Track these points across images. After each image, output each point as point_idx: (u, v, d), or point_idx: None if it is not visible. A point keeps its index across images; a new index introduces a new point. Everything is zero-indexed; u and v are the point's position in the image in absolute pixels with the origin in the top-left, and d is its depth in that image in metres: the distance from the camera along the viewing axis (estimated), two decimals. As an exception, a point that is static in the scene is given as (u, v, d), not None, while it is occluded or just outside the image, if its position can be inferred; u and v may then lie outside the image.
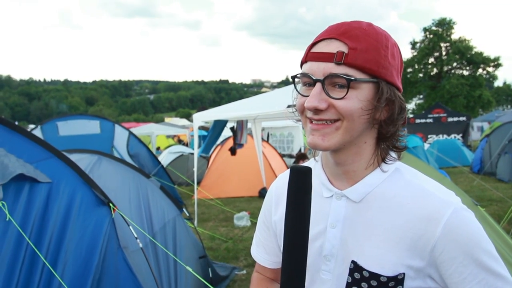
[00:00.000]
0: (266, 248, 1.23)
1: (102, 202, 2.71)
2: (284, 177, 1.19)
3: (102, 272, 2.52)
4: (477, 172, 12.63)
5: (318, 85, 0.90)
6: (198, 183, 8.71)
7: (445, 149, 14.59)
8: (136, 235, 2.84)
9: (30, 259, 2.24)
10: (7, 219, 2.19)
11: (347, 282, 0.97)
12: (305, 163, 1.16)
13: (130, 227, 2.84)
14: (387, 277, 0.92)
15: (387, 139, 0.97)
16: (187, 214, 4.20)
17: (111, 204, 2.73)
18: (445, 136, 19.77)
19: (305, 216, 0.86)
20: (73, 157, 2.97)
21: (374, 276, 0.93)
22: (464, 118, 20.42)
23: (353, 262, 0.96)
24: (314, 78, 0.90)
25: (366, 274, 0.94)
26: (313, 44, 0.95)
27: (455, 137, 19.52)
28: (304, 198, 0.86)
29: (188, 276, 3.45)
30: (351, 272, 0.97)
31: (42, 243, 2.32)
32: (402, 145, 1.00)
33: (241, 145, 8.13)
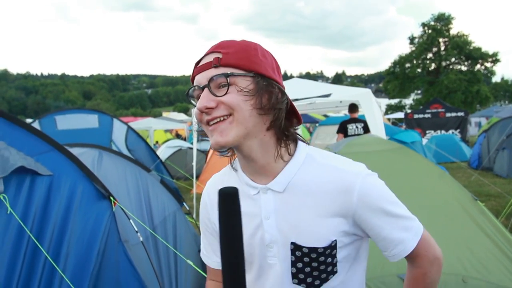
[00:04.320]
0: (216, 251, 1.30)
1: (102, 195, 2.70)
2: (213, 183, 1.30)
3: (103, 265, 2.52)
4: (475, 167, 12.65)
5: (205, 89, 1.03)
6: (197, 177, 8.71)
7: (443, 144, 14.61)
8: (136, 229, 2.84)
9: (32, 252, 2.24)
10: (8, 212, 2.19)
11: (291, 261, 1.12)
12: (220, 173, 1.28)
13: (131, 220, 2.84)
14: (323, 247, 1.09)
15: (279, 126, 1.08)
16: (187, 208, 4.20)
17: (111, 198, 2.72)
18: (443, 131, 19.79)
19: (237, 236, 0.86)
20: (74, 151, 2.96)
21: (313, 249, 1.09)
22: (462, 114, 20.44)
23: (292, 243, 1.11)
24: (201, 86, 1.05)
25: (305, 250, 1.09)
26: (197, 63, 1.10)
27: (453, 132, 19.56)
28: (234, 218, 0.85)
29: (188, 269, 3.46)
30: (293, 252, 1.11)
31: (43, 236, 2.32)
32: (294, 131, 1.14)
33: None
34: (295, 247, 1.10)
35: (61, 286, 2.29)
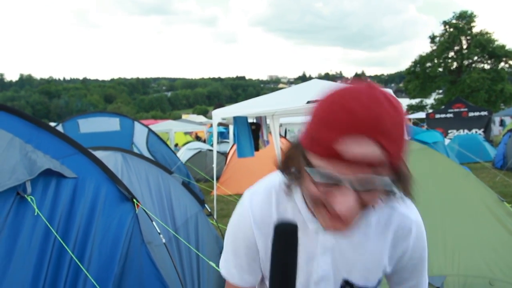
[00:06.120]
0: (252, 272, 1.16)
1: (126, 197, 2.74)
2: (261, 202, 1.10)
3: (126, 267, 2.55)
4: (500, 167, 12.38)
5: (353, 193, 0.81)
6: (217, 179, 8.75)
7: (466, 144, 14.31)
8: (159, 231, 2.86)
9: (58, 252, 2.28)
10: (36, 214, 2.23)
11: None
12: (267, 188, 1.10)
13: (154, 222, 2.86)
14: (373, 286, 1.11)
15: None
16: (209, 210, 4.22)
17: (134, 200, 2.75)
18: (466, 131, 19.42)
19: (292, 273, 0.80)
20: (98, 154, 3.01)
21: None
22: (485, 113, 20.01)
23: (344, 280, 1.09)
24: (351, 186, 0.80)
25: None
26: (337, 137, 0.78)
27: (476, 132, 19.16)
28: (290, 258, 0.79)
29: (211, 271, 3.47)
30: (342, 287, 1.10)
31: (69, 237, 2.36)
32: None
33: (268, 142, 8.12)
34: (346, 284, 1.09)
35: (85, 286, 2.32)
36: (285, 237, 0.78)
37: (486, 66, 36.85)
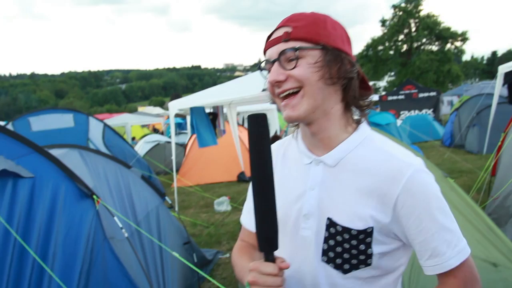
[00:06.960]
0: None
1: (85, 194, 2.74)
2: (274, 148, 1.31)
3: (90, 263, 2.58)
4: (448, 145, 13.02)
5: (276, 63, 1.08)
6: (177, 171, 8.73)
7: (417, 125, 14.97)
8: (121, 225, 2.89)
9: (19, 253, 2.27)
10: (-7, 216, 2.21)
11: (325, 237, 1.11)
12: (282, 140, 1.33)
13: (115, 217, 2.89)
14: (357, 230, 1.06)
15: (349, 97, 1.11)
16: (170, 203, 4.26)
17: (94, 196, 2.77)
18: (416, 111, 20.22)
19: (267, 156, 0.98)
20: (54, 153, 2.98)
21: (346, 230, 1.07)
22: (434, 93, 20.90)
23: (328, 218, 1.10)
24: (271, 60, 1.09)
25: (339, 228, 1.08)
26: (269, 37, 1.13)
27: (426, 112, 19.99)
28: (264, 140, 0.98)
29: (174, 262, 3.53)
30: (328, 228, 1.10)
31: (30, 237, 2.35)
32: (366, 102, 1.15)
33: (224, 131, 8.16)
34: (331, 223, 1.09)
35: (50, 285, 2.34)
36: (257, 121, 0.97)
37: (434, 48, 38.35)
